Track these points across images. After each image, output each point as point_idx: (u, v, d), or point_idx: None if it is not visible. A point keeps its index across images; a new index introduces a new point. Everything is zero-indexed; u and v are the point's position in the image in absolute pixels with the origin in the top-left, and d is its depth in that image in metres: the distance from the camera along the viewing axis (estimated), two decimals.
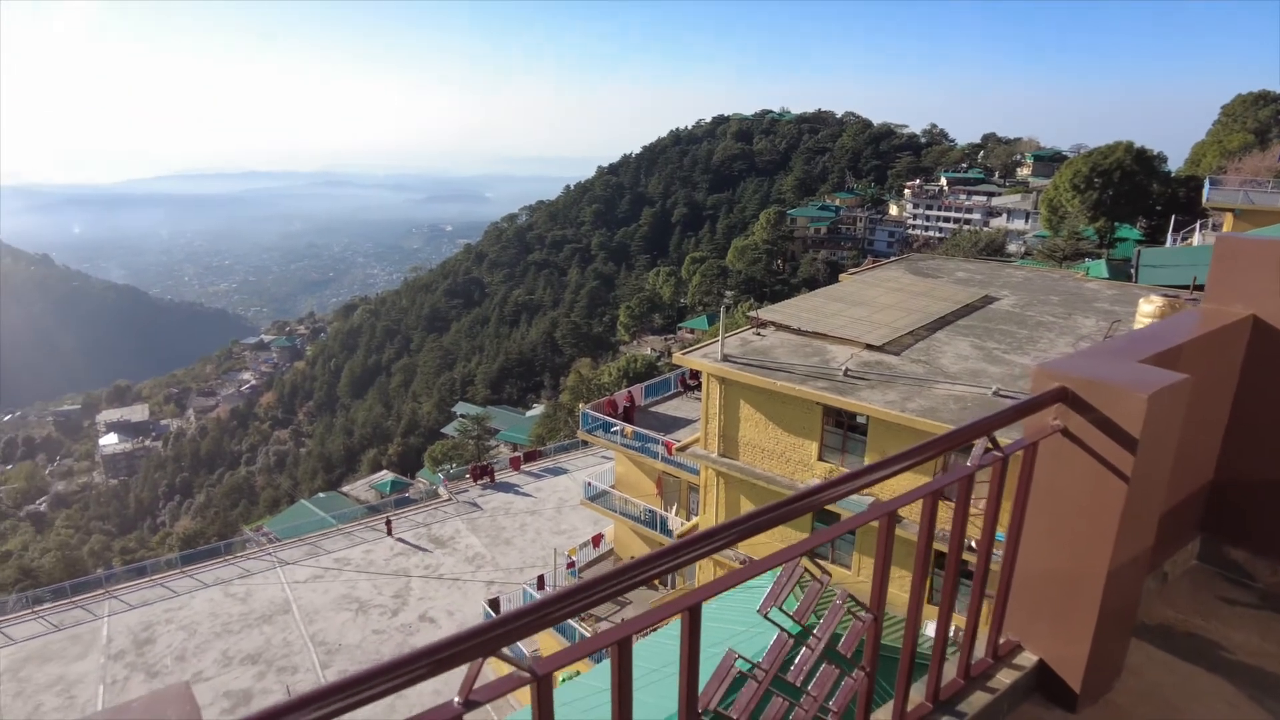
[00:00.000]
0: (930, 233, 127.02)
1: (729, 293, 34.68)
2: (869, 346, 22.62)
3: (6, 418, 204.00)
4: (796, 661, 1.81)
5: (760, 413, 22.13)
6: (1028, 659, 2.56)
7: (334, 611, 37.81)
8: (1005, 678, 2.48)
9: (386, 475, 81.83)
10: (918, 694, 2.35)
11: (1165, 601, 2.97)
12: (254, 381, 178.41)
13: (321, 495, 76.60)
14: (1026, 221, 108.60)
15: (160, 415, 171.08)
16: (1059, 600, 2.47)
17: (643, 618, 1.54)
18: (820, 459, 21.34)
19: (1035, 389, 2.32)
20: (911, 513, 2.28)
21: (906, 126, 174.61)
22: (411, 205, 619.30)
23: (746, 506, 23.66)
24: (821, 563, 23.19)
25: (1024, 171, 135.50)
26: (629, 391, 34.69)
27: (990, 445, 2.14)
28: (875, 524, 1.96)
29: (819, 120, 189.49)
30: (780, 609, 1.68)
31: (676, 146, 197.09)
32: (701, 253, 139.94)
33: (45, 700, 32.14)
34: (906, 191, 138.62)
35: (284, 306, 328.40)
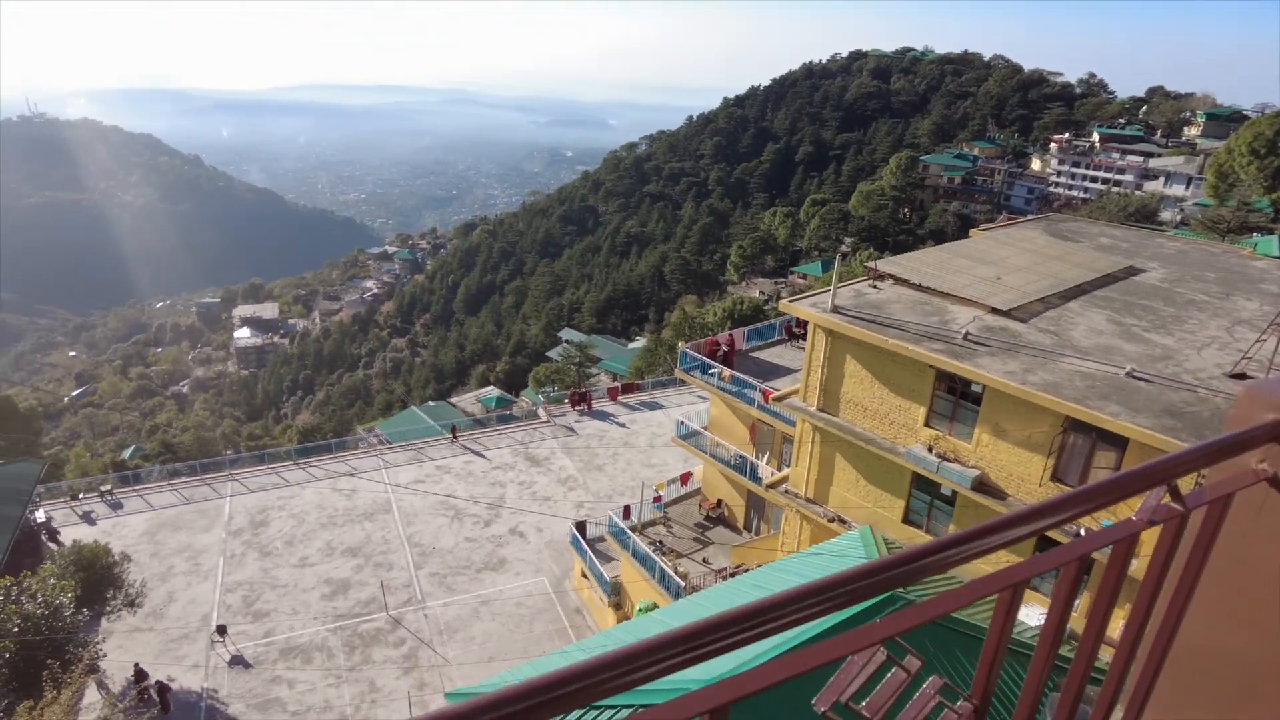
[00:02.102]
0: (1074, 192, 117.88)
1: (848, 239, 33.27)
2: (994, 310, 21.09)
3: (159, 305, 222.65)
4: None
5: (867, 370, 21.13)
6: None
7: (431, 516, 39.62)
8: None
9: (493, 391, 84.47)
10: None
11: None
12: (376, 290, 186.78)
13: (431, 403, 79.96)
14: (1187, 187, 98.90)
15: (288, 314, 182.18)
16: (1232, 689, 1.89)
17: (753, 677, 1.12)
18: (927, 424, 20.27)
19: (1238, 421, 1.69)
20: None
21: (1061, 75, 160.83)
22: (535, 128, 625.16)
23: (841, 465, 22.89)
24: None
25: (1192, 131, 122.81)
26: (731, 334, 34.01)
27: (1169, 495, 1.57)
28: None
29: (964, 62, 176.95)
30: (845, 704, 1.23)
31: (808, 80, 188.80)
32: (823, 195, 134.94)
33: (176, 563, 35.37)
34: (1053, 145, 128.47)
35: (408, 220, 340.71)
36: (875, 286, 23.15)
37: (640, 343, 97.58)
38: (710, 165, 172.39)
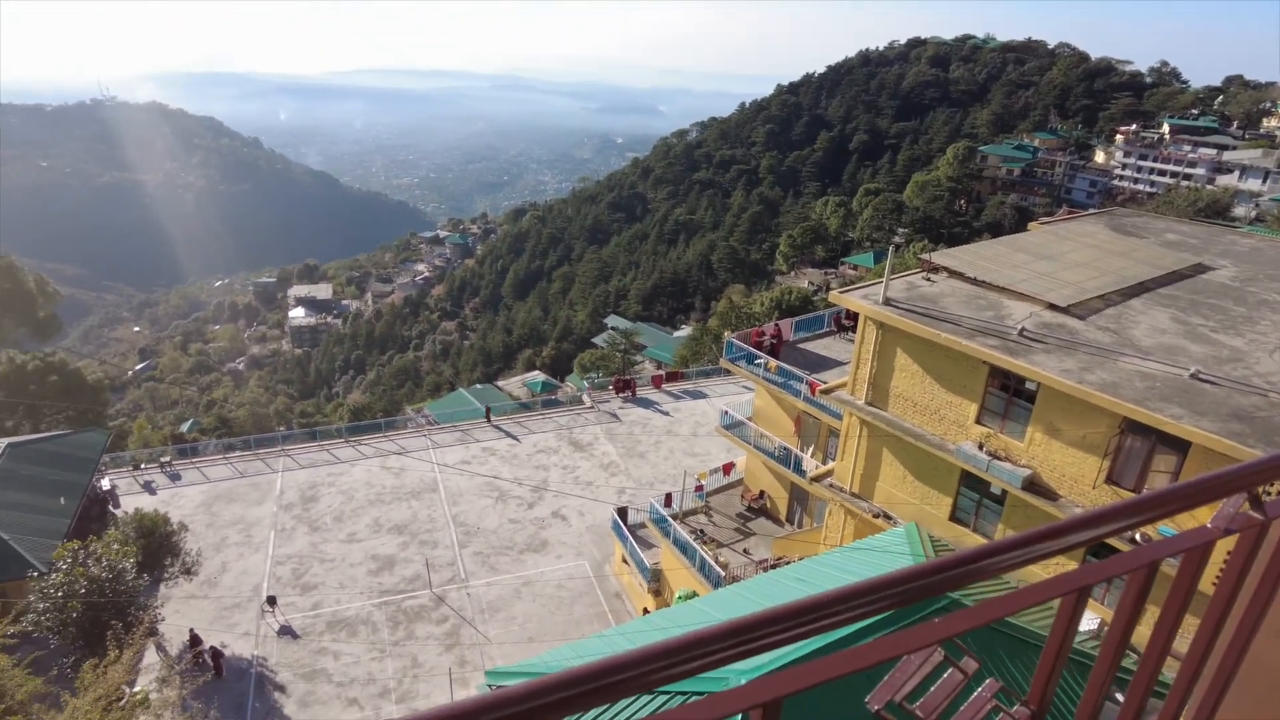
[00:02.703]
0: (1140, 186, 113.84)
1: (901, 230, 32.59)
2: (1051, 306, 20.51)
3: (217, 284, 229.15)
4: None
5: (918, 364, 20.76)
6: None
7: (476, 496, 40.19)
8: None
9: (538, 375, 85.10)
10: None
11: None
12: (427, 273, 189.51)
13: (478, 386, 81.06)
14: (1264, 182, 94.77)
15: (342, 295, 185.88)
16: None
17: (807, 672, 1.10)
18: (978, 421, 19.84)
19: None
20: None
21: (1130, 63, 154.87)
22: (586, 114, 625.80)
23: (888, 460, 22.57)
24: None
25: (1272, 123, 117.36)
26: (778, 324, 33.68)
27: (1248, 504, 1.48)
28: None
29: (1027, 50, 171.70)
30: (900, 704, 1.19)
31: (865, 68, 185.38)
32: (877, 184, 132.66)
33: (229, 534, 36.51)
34: (1119, 137, 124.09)
35: (460, 205, 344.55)
36: (929, 279, 22.69)
37: (686, 331, 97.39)
38: (762, 153, 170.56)
